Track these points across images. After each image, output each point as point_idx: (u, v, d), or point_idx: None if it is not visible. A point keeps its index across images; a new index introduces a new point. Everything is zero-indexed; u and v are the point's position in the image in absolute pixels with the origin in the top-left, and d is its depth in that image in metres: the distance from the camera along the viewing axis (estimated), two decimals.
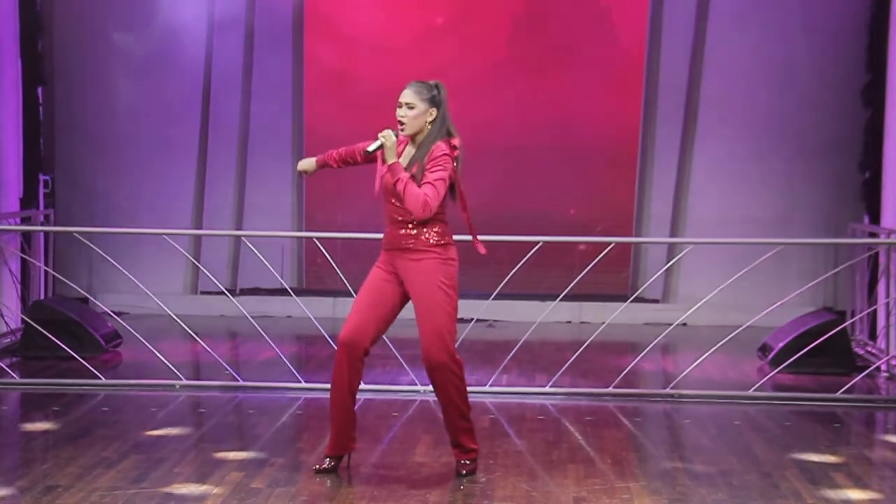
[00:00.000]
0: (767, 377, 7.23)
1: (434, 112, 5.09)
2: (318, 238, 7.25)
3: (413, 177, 5.00)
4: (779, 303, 7.31)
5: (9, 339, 8.13)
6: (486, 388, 7.00)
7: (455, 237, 5.22)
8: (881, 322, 8.05)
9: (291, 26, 10.16)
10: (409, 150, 5.13)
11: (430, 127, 5.08)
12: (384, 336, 6.92)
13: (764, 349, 7.96)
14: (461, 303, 10.19)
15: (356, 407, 5.23)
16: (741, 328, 7.10)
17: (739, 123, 9.92)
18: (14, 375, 7.14)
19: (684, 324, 7.46)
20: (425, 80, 5.14)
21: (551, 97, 10.07)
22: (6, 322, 8.28)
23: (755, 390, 6.96)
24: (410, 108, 5.06)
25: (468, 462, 5.21)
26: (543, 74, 10.08)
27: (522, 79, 10.09)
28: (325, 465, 5.20)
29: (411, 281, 5.10)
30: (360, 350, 5.10)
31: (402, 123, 5.07)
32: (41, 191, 9.12)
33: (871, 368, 7.34)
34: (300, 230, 10.05)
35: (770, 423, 6.36)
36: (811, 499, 4.93)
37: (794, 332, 7.68)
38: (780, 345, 7.67)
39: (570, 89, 10.05)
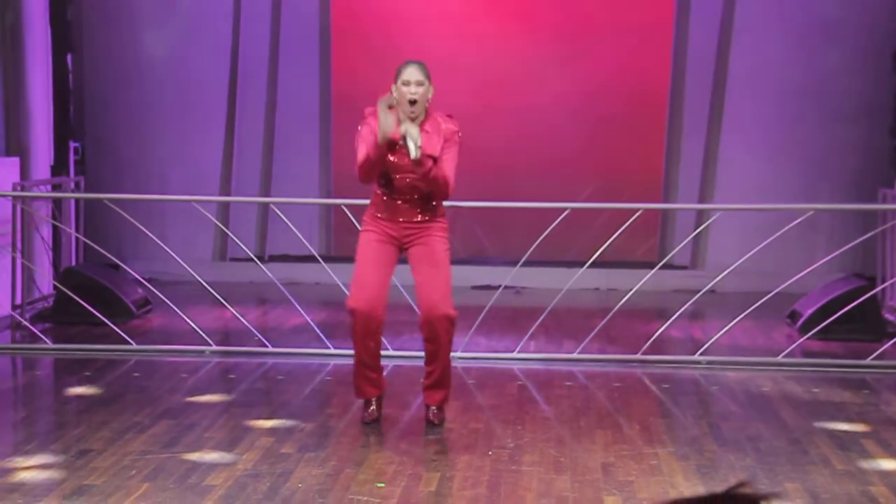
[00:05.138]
0: (796, 344, 7.20)
1: (432, 89, 5.22)
2: (345, 205, 7.26)
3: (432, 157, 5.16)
4: (808, 269, 7.27)
5: (41, 305, 8.21)
6: (514, 355, 7.02)
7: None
8: None
9: None
10: (409, 126, 5.16)
11: (427, 104, 5.21)
12: (412, 303, 6.96)
13: (793, 316, 7.93)
14: (489, 270, 10.19)
15: (385, 374, 5.34)
16: (770, 295, 7.07)
17: (769, 88, 9.83)
18: (47, 341, 7.22)
19: (713, 290, 7.43)
20: (427, 65, 5.20)
21: (578, 61, 10.00)
22: (38, 288, 8.37)
23: (784, 357, 6.94)
24: (420, 84, 5.16)
25: (437, 410, 5.42)
26: (570, 38, 10.01)
27: (548, 44, 10.03)
28: (374, 412, 5.41)
29: (421, 244, 5.27)
30: (376, 321, 5.27)
31: (413, 102, 5.14)
32: (72, 158, 9.17)
33: None
34: (328, 197, 10.06)
35: (799, 390, 6.35)
36: (840, 465, 4.93)
37: (823, 299, 7.64)
38: (810, 311, 7.64)
39: (598, 53, 9.98)
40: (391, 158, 5.20)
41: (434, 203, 5.30)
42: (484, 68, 10.01)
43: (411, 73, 5.15)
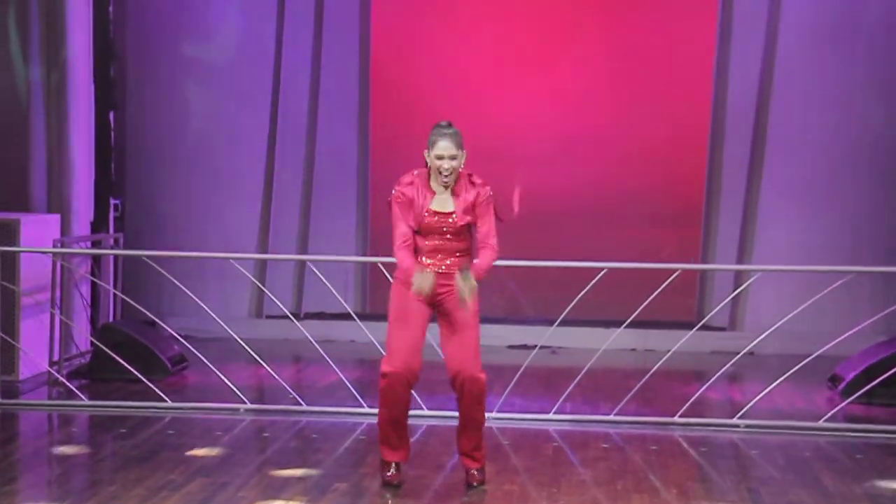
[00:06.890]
0: (838, 408, 7.09)
1: (465, 155, 5.25)
2: (382, 263, 7.26)
3: (468, 224, 5.27)
4: (850, 332, 7.17)
5: (78, 362, 8.25)
6: (550, 416, 6.95)
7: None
8: None
9: (358, 53, 10.23)
10: (443, 197, 5.24)
11: (459, 170, 5.26)
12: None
13: (834, 379, 7.81)
14: (524, 329, 10.12)
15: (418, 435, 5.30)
16: (811, 357, 6.98)
17: (809, 148, 9.77)
18: (83, 397, 7.24)
19: (752, 352, 7.35)
20: (452, 126, 5.24)
21: (618, 115, 9.97)
22: (76, 344, 8.41)
23: (825, 421, 6.83)
24: (453, 158, 5.19)
25: (477, 472, 5.41)
26: (609, 93, 9.98)
27: (586, 97, 10.02)
28: (395, 475, 5.35)
29: (451, 303, 5.26)
30: (408, 387, 5.29)
31: (446, 176, 5.20)
32: (111, 215, 9.26)
33: None
34: (364, 254, 10.08)
35: (841, 455, 6.24)
36: None
37: (866, 362, 7.53)
38: (852, 375, 7.52)
39: (637, 110, 9.95)
40: (426, 221, 5.25)
41: (466, 260, 5.32)
42: (516, 118, 10.01)
43: (444, 147, 5.17)
